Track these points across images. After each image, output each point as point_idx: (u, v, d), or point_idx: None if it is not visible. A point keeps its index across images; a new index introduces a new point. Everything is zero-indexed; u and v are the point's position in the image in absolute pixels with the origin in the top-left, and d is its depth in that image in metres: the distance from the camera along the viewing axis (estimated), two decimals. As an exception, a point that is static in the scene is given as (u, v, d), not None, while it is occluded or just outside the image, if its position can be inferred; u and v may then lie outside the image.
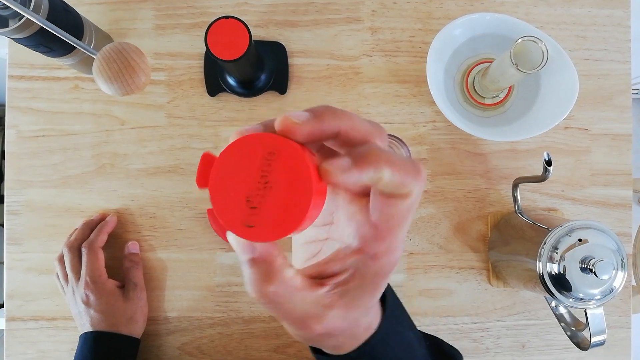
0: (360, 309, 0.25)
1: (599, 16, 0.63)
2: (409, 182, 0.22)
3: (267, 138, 0.21)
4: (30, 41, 0.47)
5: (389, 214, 0.23)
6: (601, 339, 0.48)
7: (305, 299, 0.24)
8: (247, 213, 0.21)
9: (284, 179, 0.21)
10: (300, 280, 0.24)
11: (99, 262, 0.57)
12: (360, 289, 0.25)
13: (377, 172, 0.21)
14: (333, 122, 0.22)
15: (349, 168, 0.21)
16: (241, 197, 0.21)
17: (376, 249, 0.24)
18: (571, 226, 0.47)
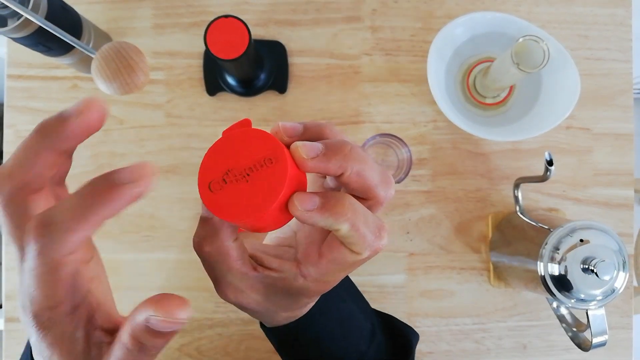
0: (276, 306, 0.28)
1: (601, 15, 0.63)
2: (363, 245, 0.24)
3: (278, 148, 0.23)
4: (28, 40, 0.47)
5: (335, 256, 0.25)
6: (602, 340, 0.47)
7: (233, 270, 0.26)
8: (216, 181, 0.25)
9: (261, 183, 0.23)
10: (238, 254, 0.26)
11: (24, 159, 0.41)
12: (281, 293, 0.27)
13: (337, 223, 0.23)
14: (341, 163, 0.23)
15: (312, 209, 0.22)
16: (222, 169, 0.24)
17: (309, 271, 0.26)
18: (572, 226, 0.47)
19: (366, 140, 0.56)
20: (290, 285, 0.27)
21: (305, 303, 0.29)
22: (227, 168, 0.24)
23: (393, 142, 0.58)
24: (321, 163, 0.23)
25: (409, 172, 0.56)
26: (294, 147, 0.23)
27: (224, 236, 0.26)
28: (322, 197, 0.23)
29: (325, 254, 0.25)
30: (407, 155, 0.56)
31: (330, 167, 0.23)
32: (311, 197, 0.23)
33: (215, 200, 0.25)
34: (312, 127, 0.25)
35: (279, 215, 0.23)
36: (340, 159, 0.23)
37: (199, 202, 0.62)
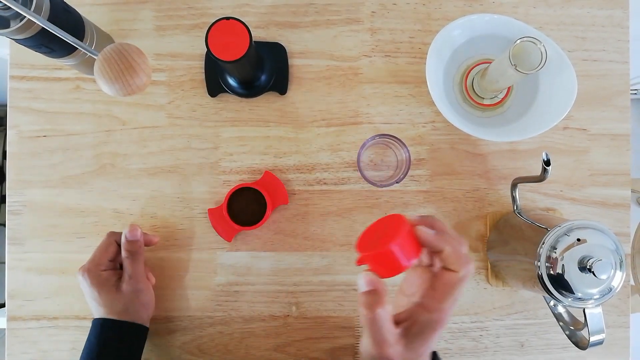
0: (413, 351, 0.37)
1: (598, 17, 0.63)
2: (459, 263, 0.37)
3: (404, 222, 0.37)
4: (31, 42, 0.47)
5: (444, 281, 0.37)
6: (600, 339, 0.48)
7: (388, 329, 0.36)
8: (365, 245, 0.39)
9: (388, 236, 0.37)
10: (390, 314, 0.37)
11: (99, 252, 0.56)
12: (416, 334, 0.37)
13: (443, 244, 0.37)
14: (443, 245, 0.37)
15: (430, 234, 0.37)
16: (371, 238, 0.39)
17: (431, 304, 0.37)
18: (570, 226, 0.47)
19: (365, 141, 0.56)
20: (420, 323, 0.37)
21: (430, 341, 0.38)
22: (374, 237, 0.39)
23: (392, 143, 0.59)
24: (434, 241, 0.37)
25: (408, 172, 0.56)
26: (418, 227, 0.37)
27: (385, 300, 0.36)
28: (437, 229, 0.38)
29: (437, 285, 0.38)
30: (406, 156, 0.57)
31: (437, 245, 0.37)
32: (429, 229, 0.38)
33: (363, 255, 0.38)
34: (428, 219, 0.39)
35: (398, 257, 0.35)
36: (443, 242, 0.37)
37: (199, 202, 0.63)
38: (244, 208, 0.59)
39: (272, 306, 0.62)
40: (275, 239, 0.62)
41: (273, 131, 0.62)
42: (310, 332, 0.62)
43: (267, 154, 0.62)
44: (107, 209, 0.62)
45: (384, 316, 0.36)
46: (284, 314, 0.62)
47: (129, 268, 0.55)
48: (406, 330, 0.37)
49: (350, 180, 0.62)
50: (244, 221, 0.58)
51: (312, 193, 0.62)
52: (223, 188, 0.62)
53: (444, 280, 0.37)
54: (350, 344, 0.62)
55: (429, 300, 0.38)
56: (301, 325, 0.62)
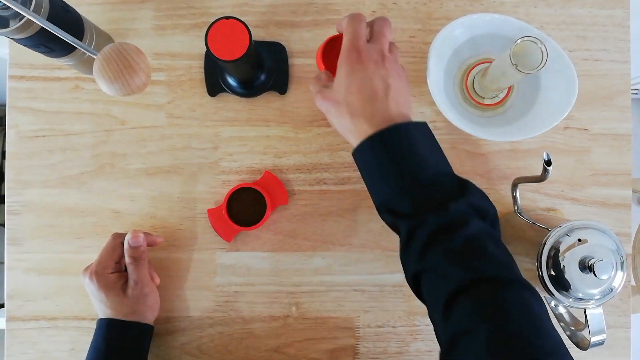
0: (329, 103, 0.46)
1: (599, 16, 0.63)
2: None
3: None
4: (30, 41, 0.47)
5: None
6: (600, 339, 0.48)
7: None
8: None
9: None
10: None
11: (105, 255, 0.56)
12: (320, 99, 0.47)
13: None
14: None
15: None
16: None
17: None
18: (571, 226, 0.47)
19: (366, 141, 0.56)
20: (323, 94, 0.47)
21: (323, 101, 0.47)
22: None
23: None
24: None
25: (408, 172, 0.56)
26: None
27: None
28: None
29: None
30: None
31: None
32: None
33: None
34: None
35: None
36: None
37: (198, 202, 0.63)
38: (243, 208, 0.59)
39: (272, 307, 0.62)
40: (275, 239, 0.62)
41: (273, 131, 0.62)
42: (310, 332, 0.61)
43: (267, 154, 0.62)
44: (107, 209, 0.62)
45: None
46: (283, 315, 0.62)
47: (134, 274, 0.56)
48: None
49: (350, 180, 0.62)
50: (243, 221, 0.58)
51: (312, 193, 0.62)
52: (223, 188, 0.62)
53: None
54: (350, 345, 0.62)
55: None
56: (301, 326, 0.62)
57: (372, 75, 0.44)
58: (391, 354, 0.62)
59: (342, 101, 0.44)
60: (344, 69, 0.44)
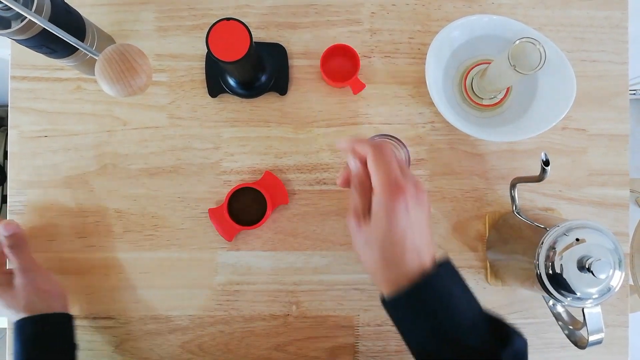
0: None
1: (597, 18, 0.64)
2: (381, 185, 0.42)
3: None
4: (32, 42, 0.47)
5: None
6: (599, 338, 0.48)
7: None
8: None
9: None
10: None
11: None
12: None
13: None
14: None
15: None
16: None
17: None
18: (568, 226, 0.48)
19: (365, 141, 0.56)
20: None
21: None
22: None
23: (392, 143, 0.59)
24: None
25: (408, 172, 0.57)
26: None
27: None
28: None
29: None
30: (406, 156, 0.57)
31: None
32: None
33: None
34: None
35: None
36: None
37: (200, 202, 0.64)
38: (244, 208, 0.59)
39: (273, 305, 0.62)
40: (276, 239, 0.62)
41: (273, 131, 0.63)
42: (311, 331, 0.62)
43: (268, 154, 0.62)
44: (109, 208, 0.62)
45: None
46: (284, 313, 0.62)
47: (16, 261, 0.55)
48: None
49: (350, 180, 0.62)
50: (244, 221, 0.58)
51: (312, 193, 0.62)
52: (223, 188, 0.62)
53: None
54: (350, 343, 0.62)
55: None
56: (301, 325, 0.62)
57: (413, 224, 0.41)
58: (390, 353, 0.62)
59: (379, 245, 0.42)
60: (386, 216, 0.41)
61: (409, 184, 0.42)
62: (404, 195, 0.41)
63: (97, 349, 0.62)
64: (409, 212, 0.41)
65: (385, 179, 0.41)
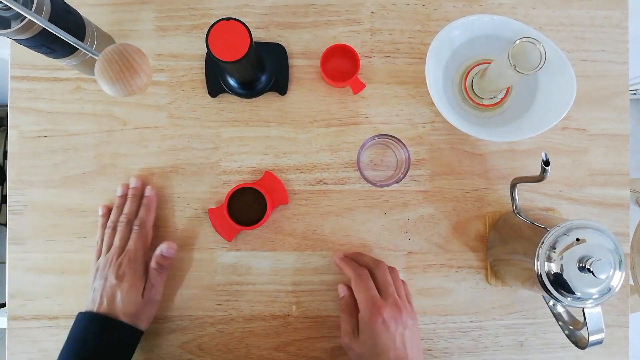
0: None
1: (597, 17, 0.64)
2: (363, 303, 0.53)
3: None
4: (32, 42, 0.47)
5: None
6: (599, 338, 0.48)
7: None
8: None
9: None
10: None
11: (146, 243, 0.58)
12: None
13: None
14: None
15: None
16: None
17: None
18: (569, 226, 0.48)
19: (365, 141, 0.56)
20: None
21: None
22: None
23: (392, 143, 0.59)
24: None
25: (408, 172, 0.57)
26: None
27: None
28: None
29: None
30: (406, 156, 0.57)
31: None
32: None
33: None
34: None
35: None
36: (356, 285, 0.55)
37: (199, 202, 0.64)
38: (244, 208, 0.59)
39: (273, 306, 0.62)
40: (276, 239, 0.62)
41: (273, 131, 0.63)
42: (311, 331, 0.62)
43: (268, 154, 0.62)
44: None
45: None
46: (284, 314, 0.62)
47: (155, 279, 0.57)
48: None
49: (350, 180, 0.62)
50: (244, 221, 0.58)
51: (312, 193, 0.62)
52: (223, 188, 0.62)
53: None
54: (350, 344, 0.62)
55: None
56: (301, 325, 0.62)
57: (393, 338, 0.50)
58: (391, 353, 0.62)
59: (367, 357, 0.50)
60: (368, 331, 0.50)
61: (388, 303, 0.51)
62: (380, 313, 0.50)
63: (97, 349, 0.61)
64: (388, 327, 0.50)
65: (365, 299, 0.52)
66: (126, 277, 0.55)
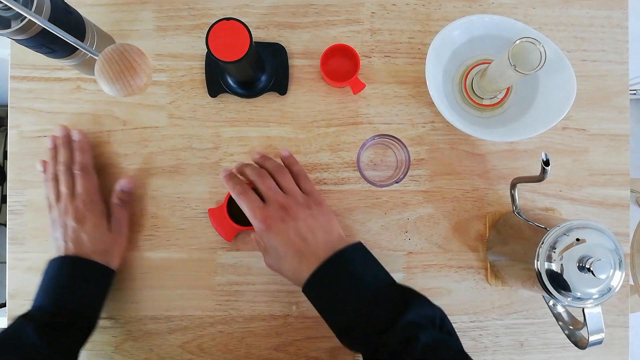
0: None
1: (597, 17, 0.64)
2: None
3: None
4: (32, 42, 0.47)
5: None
6: (599, 338, 0.48)
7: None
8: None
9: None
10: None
11: (95, 183, 0.58)
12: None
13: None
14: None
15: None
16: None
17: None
18: (569, 226, 0.48)
19: (365, 141, 0.56)
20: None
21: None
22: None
23: (392, 143, 0.59)
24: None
25: (408, 172, 0.57)
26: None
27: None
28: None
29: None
30: (406, 156, 0.57)
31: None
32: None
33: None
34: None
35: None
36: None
37: (199, 202, 0.64)
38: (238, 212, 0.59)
39: (272, 305, 0.62)
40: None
41: (273, 131, 0.63)
42: (310, 331, 0.62)
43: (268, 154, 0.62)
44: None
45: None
46: (284, 314, 0.62)
47: (119, 213, 0.59)
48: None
49: (350, 180, 0.62)
50: (244, 221, 0.58)
51: (312, 193, 0.62)
52: (223, 188, 0.62)
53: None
54: (350, 344, 0.62)
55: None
56: (301, 325, 0.62)
57: (286, 236, 0.50)
58: (391, 353, 0.62)
59: (279, 266, 0.52)
60: (264, 242, 0.53)
61: (270, 207, 0.52)
62: (265, 221, 0.51)
63: (97, 349, 0.61)
64: (278, 230, 0.50)
65: (250, 215, 0.52)
66: (87, 218, 0.55)
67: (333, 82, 0.60)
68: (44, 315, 0.51)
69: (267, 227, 0.51)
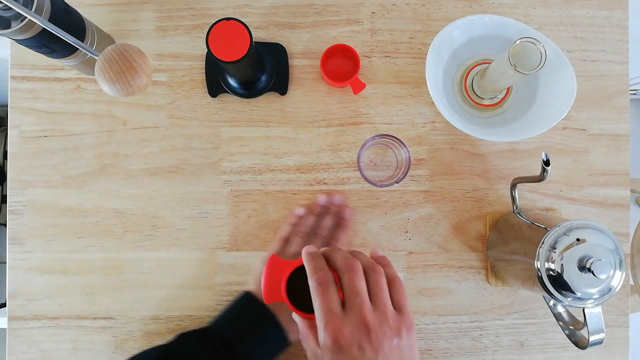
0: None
1: (597, 17, 0.64)
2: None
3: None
4: (32, 42, 0.47)
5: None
6: (599, 338, 0.48)
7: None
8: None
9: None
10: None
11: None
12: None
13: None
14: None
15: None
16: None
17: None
18: (569, 226, 0.48)
19: (365, 141, 0.56)
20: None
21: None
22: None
23: (392, 143, 0.59)
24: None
25: (408, 172, 0.57)
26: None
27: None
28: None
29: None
30: (406, 156, 0.57)
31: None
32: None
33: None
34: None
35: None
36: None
37: (199, 202, 0.64)
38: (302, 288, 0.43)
39: (273, 306, 0.62)
40: (276, 239, 0.62)
41: (273, 131, 0.63)
42: (311, 331, 0.62)
43: (268, 154, 0.62)
44: (108, 209, 0.62)
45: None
46: (284, 314, 0.62)
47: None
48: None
49: (350, 180, 0.62)
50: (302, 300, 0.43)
51: (312, 193, 0.62)
52: (223, 188, 0.62)
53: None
54: (350, 344, 0.62)
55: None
56: (301, 325, 0.62)
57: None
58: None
59: None
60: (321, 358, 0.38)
61: (349, 319, 0.38)
62: (334, 335, 0.37)
63: (97, 349, 0.61)
64: (348, 354, 0.36)
65: (319, 315, 0.38)
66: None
67: (333, 82, 0.60)
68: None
69: (336, 347, 0.37)
